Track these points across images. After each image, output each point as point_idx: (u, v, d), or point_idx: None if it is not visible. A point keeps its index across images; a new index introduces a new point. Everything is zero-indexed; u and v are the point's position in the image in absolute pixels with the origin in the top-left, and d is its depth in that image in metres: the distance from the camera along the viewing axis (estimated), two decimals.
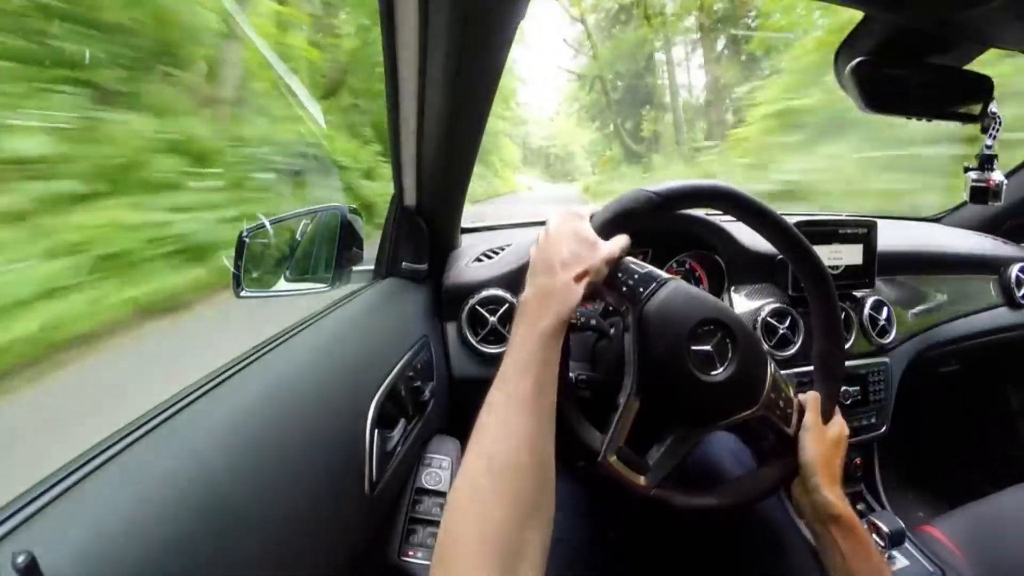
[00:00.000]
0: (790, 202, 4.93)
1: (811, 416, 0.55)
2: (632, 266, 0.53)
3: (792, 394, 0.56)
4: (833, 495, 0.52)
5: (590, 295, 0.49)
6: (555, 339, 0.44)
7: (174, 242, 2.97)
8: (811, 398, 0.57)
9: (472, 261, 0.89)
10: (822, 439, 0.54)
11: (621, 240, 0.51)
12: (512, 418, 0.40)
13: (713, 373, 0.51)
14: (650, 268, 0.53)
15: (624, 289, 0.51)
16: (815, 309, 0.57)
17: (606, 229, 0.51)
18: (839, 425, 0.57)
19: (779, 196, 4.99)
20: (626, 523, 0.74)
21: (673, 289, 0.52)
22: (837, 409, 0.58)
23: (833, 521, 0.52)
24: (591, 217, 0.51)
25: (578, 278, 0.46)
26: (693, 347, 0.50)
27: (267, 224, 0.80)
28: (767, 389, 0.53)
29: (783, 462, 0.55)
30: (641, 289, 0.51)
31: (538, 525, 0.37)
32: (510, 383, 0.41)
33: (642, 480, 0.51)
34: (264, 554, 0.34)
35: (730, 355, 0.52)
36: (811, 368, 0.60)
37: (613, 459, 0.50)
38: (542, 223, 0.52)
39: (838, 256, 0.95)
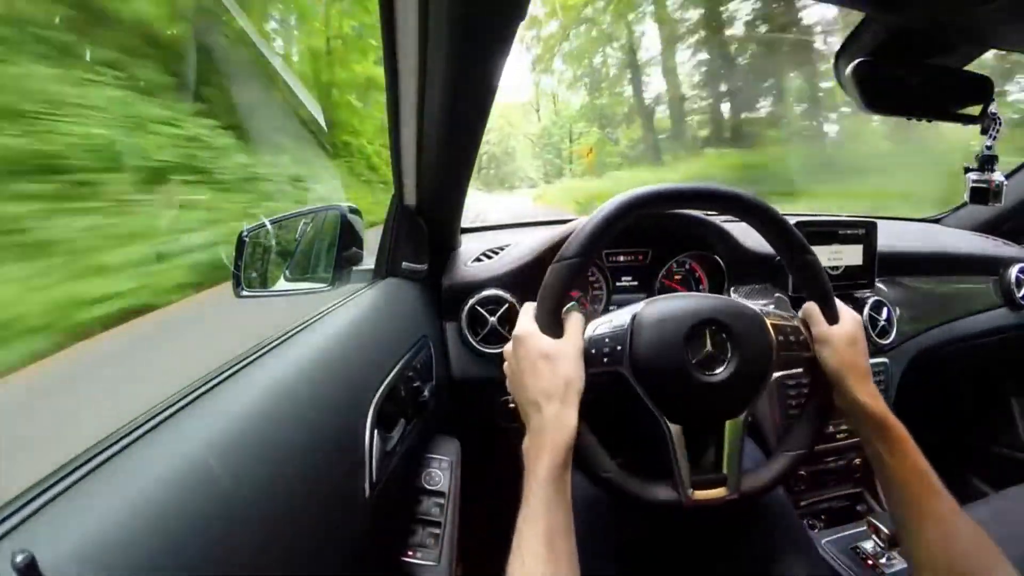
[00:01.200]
0: None
1: (816, 328, 0.54)
2: (597, 334, 0.52)
3: (795, 321, 0.55)
4: (864, 395, 0.50)
5: (583, 400, 0.48)
6: (558, 483, 0.44)
7: None
8: (808, 310, 0.55)
9: (472, 261, 0.89)
10: (834, 343, 0.53)
11: (575, 324, 0.51)
12: None
13: (723, 368, 0.50)
14: (609, 321, 0.53)
15: (606, 360, 0.51)
16: (761, 230, 0.55)
17: (554, 321, 0.51)
18: (848, 321, 0.54)
19: None
20: (639, 527, 0.74)
21: (646, 327, 0.51)
22: (841, 304, 0.56)
23: (868, 421, 0.50)
24: (536, 319, 0.50)
25: (563, 402, 0.46)
26: (694, 359, 0.50)
27: (267, 224, 0.80)
28: (774, 339, 0.52)
29: (822, 386, 0.54)
30: (619, 348, 0.51)
31: None
32: (522, 537, 0.41)
33: (724, 491, 0.50)
34: (264, 554, 0.34)
35: (729, 345, 0.51)
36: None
37: (692, 492, 0.50)
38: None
39: (838, 257, 0.95)
